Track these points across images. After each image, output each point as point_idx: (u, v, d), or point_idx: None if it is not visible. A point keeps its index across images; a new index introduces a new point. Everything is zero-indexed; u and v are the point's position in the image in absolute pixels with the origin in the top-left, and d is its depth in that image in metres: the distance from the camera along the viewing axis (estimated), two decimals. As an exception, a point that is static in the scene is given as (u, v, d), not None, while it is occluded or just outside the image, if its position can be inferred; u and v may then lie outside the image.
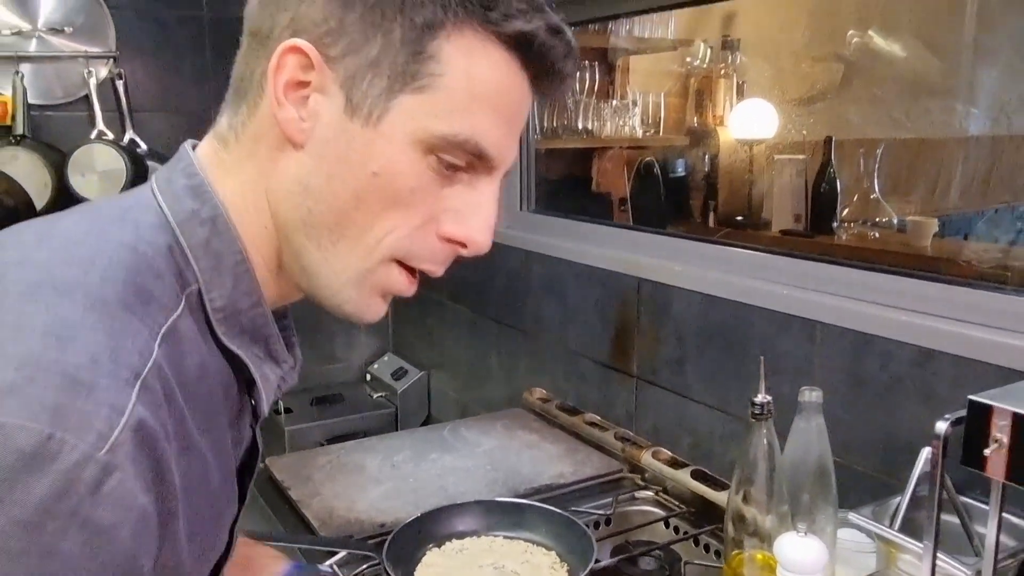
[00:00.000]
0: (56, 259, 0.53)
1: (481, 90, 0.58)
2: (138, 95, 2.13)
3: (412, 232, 0.61)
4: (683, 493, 1.38)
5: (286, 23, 0.58)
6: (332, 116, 0.58)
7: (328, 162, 0.58)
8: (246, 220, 0.61)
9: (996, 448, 0.76)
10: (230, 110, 0.63)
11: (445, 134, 0.58)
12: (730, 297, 1.35)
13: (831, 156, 2.36)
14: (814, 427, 1.02)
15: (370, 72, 0.57)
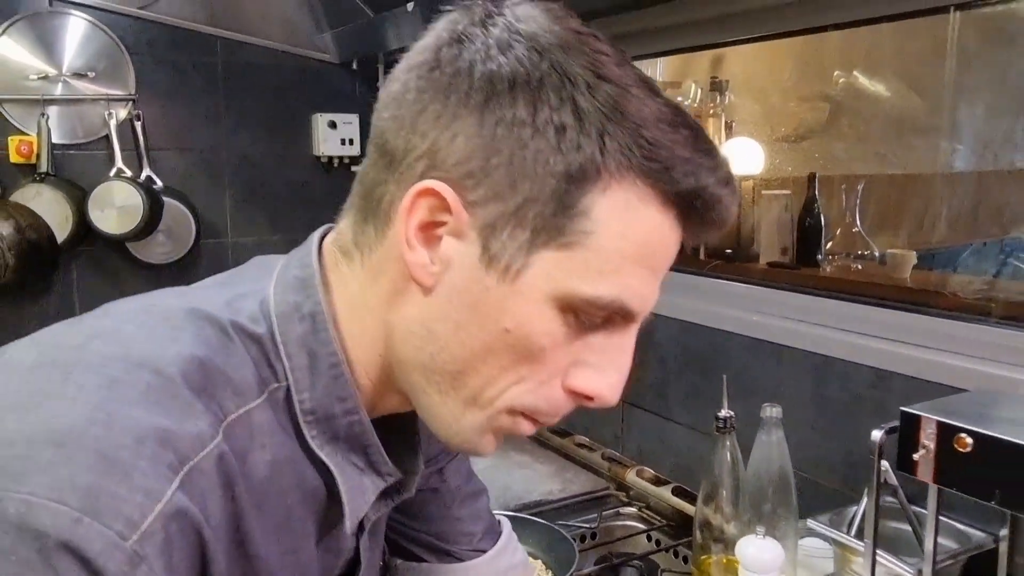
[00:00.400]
0: (141, 334, 0.51)
1: (633, 250, 0.52)
2: (155, 135, 2.25)
3: (537, 387, 0.55)
4: (664, 509, 1.47)
5: (423, 151, 0.53)
6: (466, 264, 0.53)
7: (457, 310, 0.54)
8: (356, 338, 0.58)
9: (924, 454, 0.86)
10: (356, 221, 0.59)
11: (589, 297, 0.52)
12: (706, 324, 1.45)
13: (815, 191, 2.45)
14: (775, 440, 1.11)
15: (512, 221, 0.52)
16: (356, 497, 0.59)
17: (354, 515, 0.59)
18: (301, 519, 0.57)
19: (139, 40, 2.22)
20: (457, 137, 0.52)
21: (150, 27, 2.23)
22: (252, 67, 2.33)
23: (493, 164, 0.51)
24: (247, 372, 0.54)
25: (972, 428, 0.81)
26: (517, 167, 0.51)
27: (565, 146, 0.51)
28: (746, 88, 2.81)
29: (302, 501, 0.57)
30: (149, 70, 2.24)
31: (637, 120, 0.51)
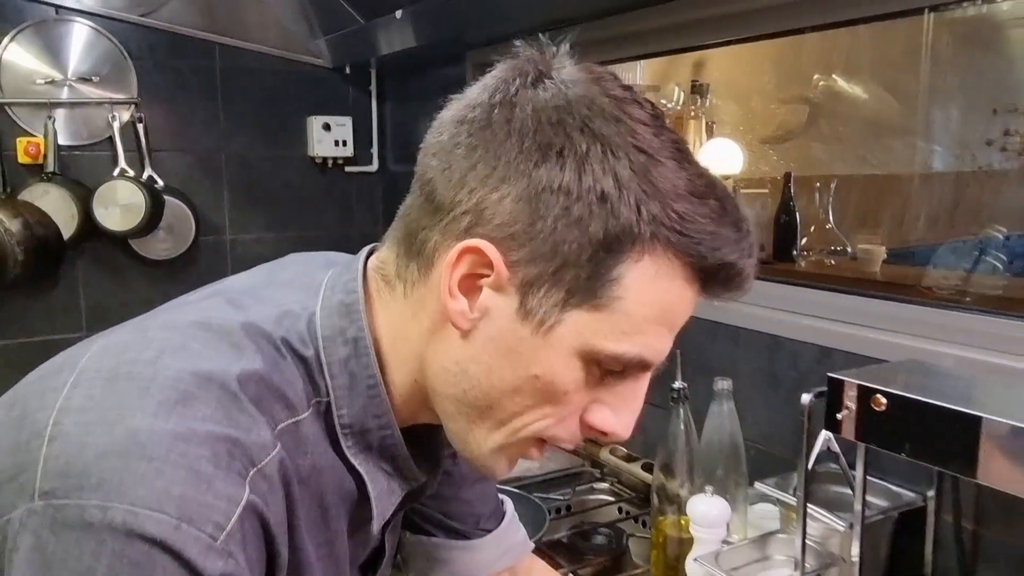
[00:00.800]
0: (206, 352, 0.57)
1: (657, 315, 0.58)
2: (156, 136, 2.35)
3: (558, 422, 0.61)
4: (635, 483, 1.57)
5: (469, 207, 0.57)
6: (503, 315, 0.58)
7: (490, 355, 0.59)
8: (393, 363, 0.63)
9: (847, 414, 0.96)
10: (399, 255, 0.63)
11: (613, 353, 0.57)
12: (671, 309, 1.55)
13: (791, 190, 2.54)
14: (726, 411, 1.22)
15: (550, 281, 0.56)
16: (384, 500, 0.66)
17: (381, 516, 0.66)
18: (336, 517, 0.64)
19: (141, 46, 2.33)
20: (505, 200, 0.56)
21: (151, 33, 2.34)
22: (249, 72, 2.44)
23: (537, 229, 0.55)
24: (297, 387, 0.60)
25: (886, 389, 0.92)
26: (560, 232, 0.55)
27: (605, 214, 0.55)
28: (727, 91, 2.89)
29: (338, 501, 0.63)
30: (151, 75, 2.35)
31: (669, 192, 0.55)
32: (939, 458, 0.88)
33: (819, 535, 1.10)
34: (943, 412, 0.86)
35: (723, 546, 1.10)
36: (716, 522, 1.10)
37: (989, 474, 0.83)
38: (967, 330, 1.12)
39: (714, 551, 1.08)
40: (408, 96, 2.56)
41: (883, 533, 1.15)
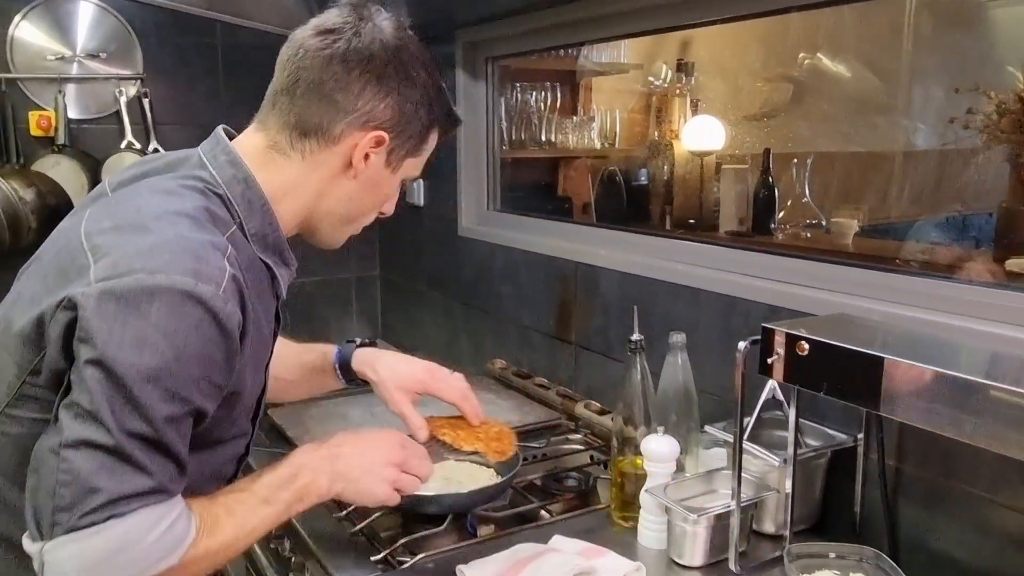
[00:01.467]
0: (170, 200, 0.92)
1: (429, 152, 1.10)
2: (161, 110, 2.47)
3: (374, 215, 1.11)
4: (607, 434, 1.69)
5: (364, 110, 0.99)
6: (377, 165, 1.04)
7: (367, 187, 1.05)
8: (284, 202, 1.02)
9: (776, 359, 1.09)
10: (291, 135, 1.00)
11: (414, 176, 1.11)
12: (639, 273, 1.68)
13: (769, 166, 2.63)
14: (680, 362, 1.34)
15: (403, 147, 1.04)
16: (283, 279, 1.05)
17: (284, 289, 1.06)
18: (265, 292, 1.02)
19: (146, 24, 2.44)
20: (387, 107, 1.01)
21: (156, 12, 2.45)
22: (249, 49, 2.55)
23: (400, 123, 1.02)
24: (222, 215, 0.96)
25: (807, 336, 1.04)
26: (410, 125, 1.03)
27: (428, 116, 1.04)
28: (714, 69, 2.98)
29: (261, 283, 1.00)
30: (155, 52, 2.46)
31: (443, 93, 1.07)
32: (850, 395, 1.01)
33: (758, 471, 1.23)
34: (852, 354, 0.98)
35: (672, 480, 1.23)
36: (666, 458, 1.23)
37: (891, 407, 0.96)
38: (892, 288, 1.24)
39: (663, 483, 1.21)
40: (402, 73, 2.66)
41: (816, 470, 1.28)
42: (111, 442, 0.80)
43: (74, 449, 0.80)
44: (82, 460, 0.80)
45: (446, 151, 2.38)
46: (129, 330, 0.81)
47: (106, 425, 0.80)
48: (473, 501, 1.35)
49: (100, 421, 0.80)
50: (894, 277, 1.25)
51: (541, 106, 2.62)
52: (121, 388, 0.81)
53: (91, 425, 0.80)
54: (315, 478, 1.04)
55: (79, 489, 0.79)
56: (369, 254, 2.90)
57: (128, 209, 0.91)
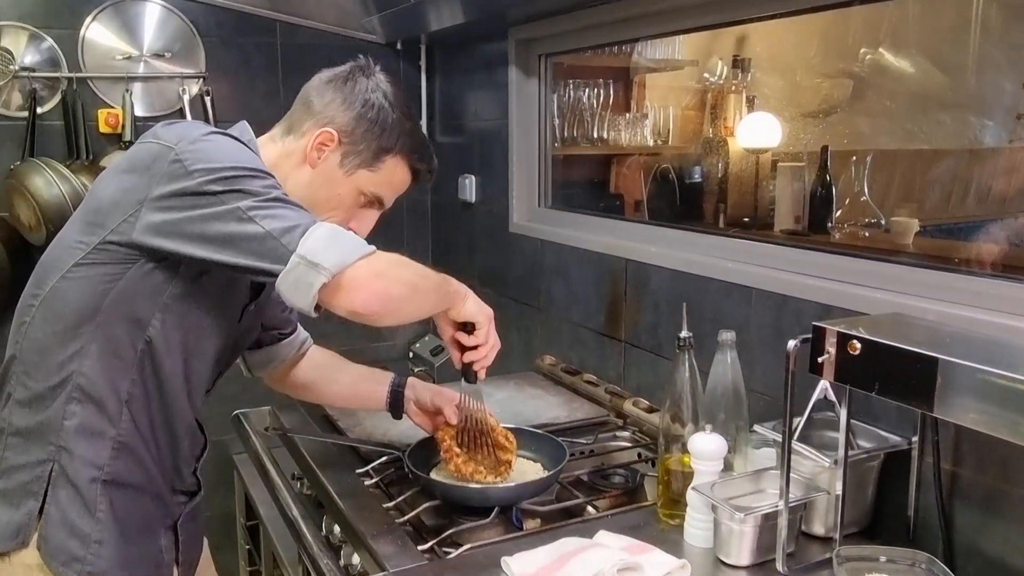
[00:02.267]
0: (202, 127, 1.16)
1: (392, 182, 1.30)
2: (222, 108, 2.54)
3: (340, 222, 1.22)
4: (655, 432, 1.69)
5: (327, 115, 1.25)
6: (331, 163, 1.25)
7: (321, 180, 1.26)
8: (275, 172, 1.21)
9: (827, 358, 1.07)
10: (282, 132, 1.28)
11: (374, 192, 1.29)
12: (691, 271, 1.67)
13: (827, 163, 2.58)
14: (729, 360, 1.33)
15: (355, 154, 1.25)
16: None
17: None
18: None
19: (209, 24, 2.51)
20: (345, 116, 1.25)
21: (218, 12, 2.52)
22: (307, 47, 2.61)
23: (357, 132, 1.25)
24: None
25: (860, 335, 1.03)
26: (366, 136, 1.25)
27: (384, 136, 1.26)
28: (771, 65, 2.93)
29: None
30: (217, 51, 2.53)
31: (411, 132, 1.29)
32: (903, 395, 0.99)
33: (808, 472, 1.22)
34: (905, 354, 0.97)
35: (720, 478, 1.22)
36: (714, 456, 1.22)
37: (945, 409, 0.94)
38: (949, 287, 1.21)
39: (710, 482, 1.21)
40: (455, 71, 2.69)
41: (869, 472, 1.26)
42: (276, 198, 1.09)
43: (257, 209, 1.06)
44: (268, 211, 1.07)
45: (499, 147, 2.40)
46: (221, 148, 1.11)
47: (261, 194, 1.08)
48: (519, 494, 1.36)
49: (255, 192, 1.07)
50: (951, 276, 1.22)
51: (594, 103, 2.61)
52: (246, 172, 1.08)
53: (252, 199, 1.07)
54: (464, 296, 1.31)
55: (284, 221, 1.06)
56: (421, 249, 2.94)
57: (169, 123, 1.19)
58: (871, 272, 1.35)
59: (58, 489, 1.12)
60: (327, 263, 1.05)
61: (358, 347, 2.91)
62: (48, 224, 2.21)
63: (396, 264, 1.14)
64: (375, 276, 1.09)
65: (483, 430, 1.44)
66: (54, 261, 1.15)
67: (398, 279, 1.14)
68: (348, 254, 1.07)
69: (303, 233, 1.05)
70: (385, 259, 1.12)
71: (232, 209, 1.06)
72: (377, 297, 1.10)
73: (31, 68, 2.33)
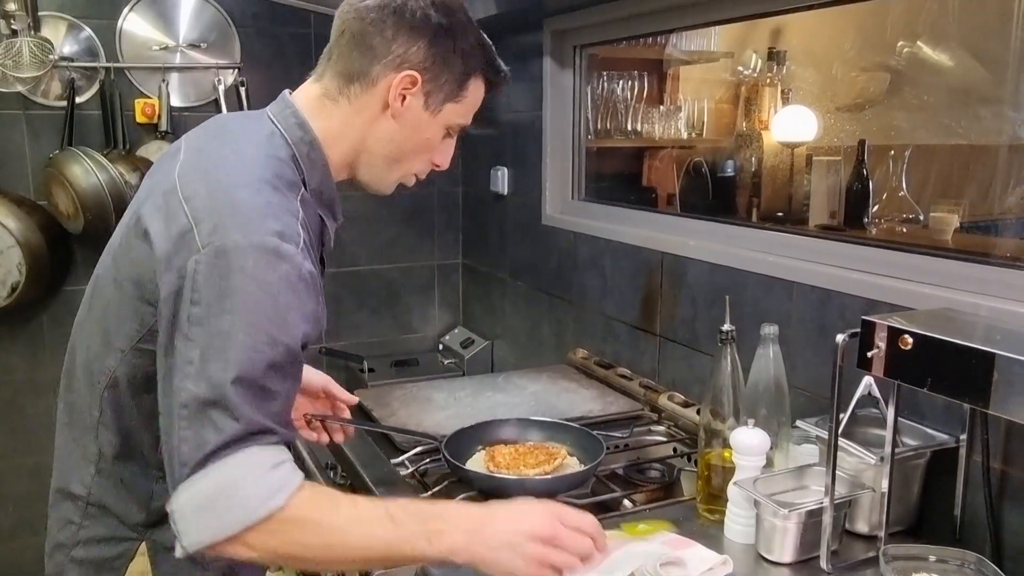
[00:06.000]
0: (251, 171, 0.98)
1: (474, 104, 1.15)
2: (257, 98, 2.54)
3: (424, 163, 1.16)
4: (690, 427, 1.68)
5: (398, 54, 1.06)
6: (416, 107, 1.09)
7: (407, 129, 1.10)
8: (335, 146, 1.09)
9: (877, 352, 1.05)
10: (340, 83, 1.08)
11: (461, 124, 1.14)
12: (730, 264, 1.65)
13: (864, 158, 2.54)
14: (771, 355, 1.31)
15: (440, 91, 1.09)
16: (331, 229, 1.14)
17: (331, 241, 1.15)
18: (315, 241, 1.07)
19: (244, 14, 2.52)
20: (420, 50, 1.06)
21: (254, 3, 2.52)
22: (341, 38, 2.60)
23: (434, 67, 1.07)
24: (293, 175, 1.03)
25: (912, 330, 1.00)
26: (445, 68, 1.08)
27: (463, 62, 1.09)
28: (806, 58, 2.89)
29: (313, 233, 1.06)
30: (252, 41, 2.54)
31: (487, 50, 1.12)
32: (957, 391, 0.97)
33: (853, 469, 1.20)
34: (961, 349, 0.94)
35: (762, 474, 1.21)
36: (756, 451, 1.20)
37: (1003, 406, 0.92)
38: (1001, 282, 1.18)
39: (753, 477, 1.19)
40: (489, 62, 2.67)
41: (915, 470, 1.23)
42: (220, 394, 0.86)
43: (185, 408, 0.87)
44: (194, 417, 0.86)
45: (532, 139, 2.39)
46: (231, 284, 0.88)
47: (213, 378, 0.86)
48: (556, 487, 1.35)
49: (207, 375, 0.87)
50: (1001, 271, 1.19)
51: (628, 95, 2.59)
52: (224, 337, 0.87)
53: (199, 381, 0.87)
54: (454, 530, 0.92)
55: (193, 444, 0.86)
56: (452, 241, 2.94)
57: (219, 175, 0.98)
58: (917, 267, 1.32)
59: (160, 565, 1.07)
60: (186, 539, 0.86)
61: (388, 338, 2.93)
62: (86, 212, 2.24)
63: (283, 531, 0.88)
64: (237, 546, 0.87)
65: None
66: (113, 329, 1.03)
67: (271, 551, 0.89)
68: (216, 530, 0.85)
69: (193, 469, 0.86)
70: (271, 525, 0.86)
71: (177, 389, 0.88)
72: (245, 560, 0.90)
73: (70, 58, 2.36)
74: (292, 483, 0.88)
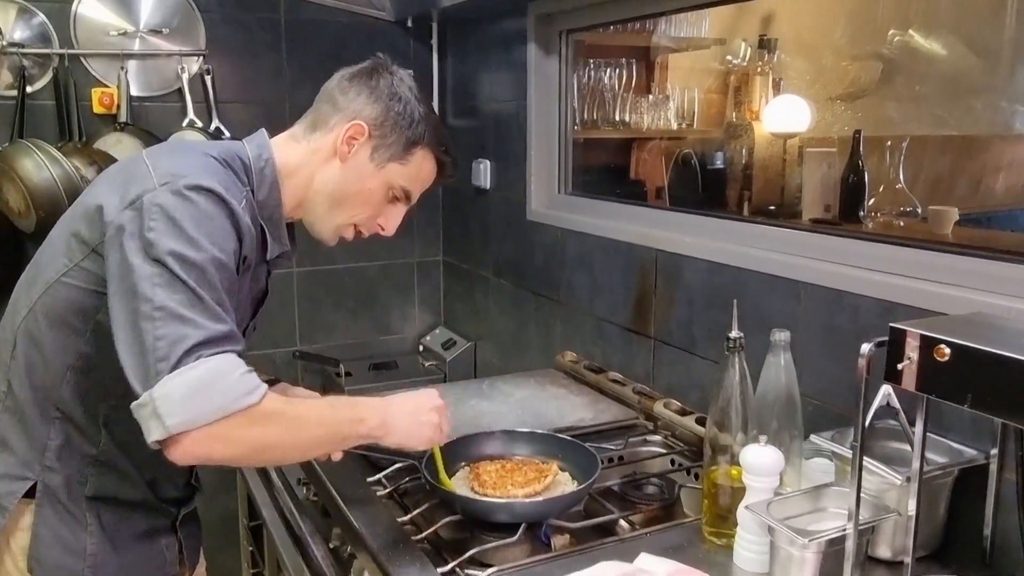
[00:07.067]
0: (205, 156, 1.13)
1: (419, 175, 1.26)
2: (223, 88, 2.40)
3: (368, 218, 1.27)
4: (689, 437, 1.57)
5: (355, 109, 1.21)
6: (362, 157, 1.22)
7: (351, 174, 1.22)
8: (290, 179, 1.22)
9: (908, 364, 0.94)
10: (305, 129, 1.24)
11: (403, 186, 1.25)
12: (729, 263, 1.53)
13: (860, 149, 2.45)
14: (783, 363, 1.20)
15: (387, 148, 1.22)
16: (273, 248, 1.23)
17: (271, 254, 1.23)
18: (254, 251, 1.16)
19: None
20: (374, 107, 1.21)
21: (219, -14, 2.37)
22: (313, 24, 2.46)
23: (386, 124, 1.21)
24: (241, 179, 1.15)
25: (950, 339, 0.89)
26: (395, 129, 1.22)
27: (412, 128, 1.22)
28: (797, 46, 2.80)
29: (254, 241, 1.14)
30: (218, 27, 2.39)
31: (435, 125, 1.26)
32: (1004, 409, 0.86)
33: (875, 489, 1.09)
34: (1009, 362, 0.83)
35: (775, 496, 1.10)
36: (769, 471, 1.09)
37: (1056, 427, 0.81)
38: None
39: (766, 500, 1.08)
40: (468, 50, 2.55)
41: (941, 490, 1.13)
42: (189, 297, 0.98)
43: (161, 310, 0.96)
44: (170, 318, 0.96)
45: (516, 130, 2.26)
46: (186, 214, 1.01)
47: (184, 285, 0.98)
48: (548, 510, 1.23)
49: (176, 285, 0.98)
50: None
51: (615, 84, 2.48)
52: (188, 261, 0.99)
53: (168, 291, 0.97)
54: (369, 413, 1.16)
55: (171, 340, 0.96)
56: (432, 238, 2.81)
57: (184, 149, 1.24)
58: (939, 265, 1.21)
59: (44, 508, 1.13)
60: (171, 420, 0.95)
61: (365, 340, 2.79)
62: (38, 210, 2.08)
63: (259, 422, 1.00)
64: (215, 439, 0.98)
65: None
66: (44, 265, 1.13)
67: (248, 442, 1.01)
68: (202, 414, 0.96)
69: (176, 362, 0.95)
70: (248, 417, 0.99)
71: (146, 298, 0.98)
72: (215, 458, 1.00)
73: (20, 44, 2.20)
74: (263, 386, 1.01)
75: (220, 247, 1.03)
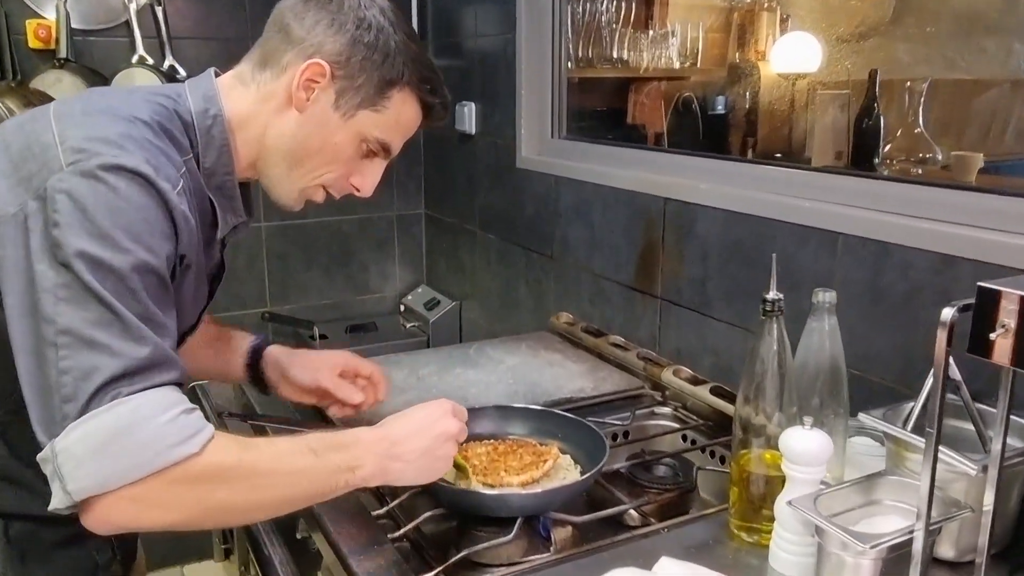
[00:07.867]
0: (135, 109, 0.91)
1: (399, 122, 1.02)
2: (177, 23, 2.16)
3: (338, 177, 1.04)
4: (702, 409, 1.39)
5: (313, 42, 0.96)
6: (324, 104, 0.98)
7: (311, 126, 0.99)
8: (240, 133, 1.00)
9: (1003, 333, 0.76)
10: (253, 67, 1.00)
11: (379, 138, 1.02)
12: (752, 212, 1.34)
13: (875, 91, 2.28)
14: (827, 328, 1.02)
15: (355, 92, 0.98)
16: (225, 222, 1.04)
17: (223, 231, 1.05)
18: (202, 225, 0.98)
19: (159, -81, 2.11)
20: (336, 41, 0.97)
21: (170, -97, 2.12)
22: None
23: (352, 61, 0.97)
24: (182, 139, 0.95)
25: (1061, 302, 0.71)
26: (362, 66, 0.97)
27: (388, 63, 0.98)
28: (805, -20, 2.62)
29: (202, 216, 0.99)
30: (170, -49, 2.14)
31: (419, 58, 1.01)
32: None
33: (940, 479, 0.91)
34: None
35: (822, 488, 0.92)
36: (815, 459, 0.91)
37: None
38: None
39: (812, 493, 0.90)
40: (451, -21, 2.32)
41: (1015, 478, 0.96)
42: (102, 314, 0.78)
43: (66, 335, 0.78)
44: (75, 344, 0.78)
45: (504, 69, 2.05)
46: (100, 203, 0.80)
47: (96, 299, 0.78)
48: (549, 502, 1.05)
49: (85, 299, 0.78)
50: None
51: (612, 18, 2.27)
52: (103, 266, 0.79)
53: (76, 307, 0.78)
54: (366, 457, 0.93)
55: (78, 375, 0.77)
56: (413, 189, 2.61)
57: (98, 105, 0.92)
58: (1007, 212, 1.03)
59: None
60: (73, 484, 0.76)
61: (341, 300, 2.60)
62: (-33, 157, 1.86)
63: (202, 479, 0.81)
64: (139, 504, 0.78)
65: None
66: None
67: (189, 505, 0.82)
68: (114, 475, 0.76)
69: (86, 403, 0.76)
70: (184, 473, 0.79)
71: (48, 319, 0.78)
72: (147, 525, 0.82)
73: (-58, -31, 1.95)
74: (204, 431, 0.81)
75: (147, 247, 0.82)
